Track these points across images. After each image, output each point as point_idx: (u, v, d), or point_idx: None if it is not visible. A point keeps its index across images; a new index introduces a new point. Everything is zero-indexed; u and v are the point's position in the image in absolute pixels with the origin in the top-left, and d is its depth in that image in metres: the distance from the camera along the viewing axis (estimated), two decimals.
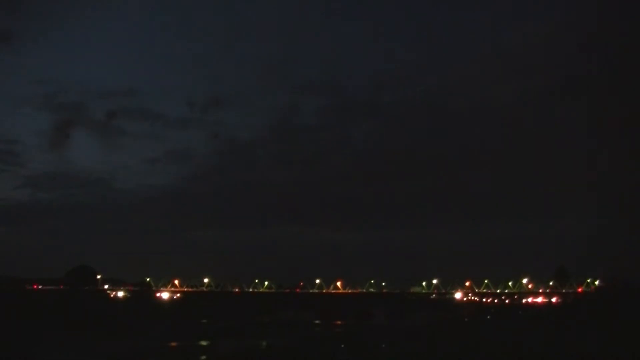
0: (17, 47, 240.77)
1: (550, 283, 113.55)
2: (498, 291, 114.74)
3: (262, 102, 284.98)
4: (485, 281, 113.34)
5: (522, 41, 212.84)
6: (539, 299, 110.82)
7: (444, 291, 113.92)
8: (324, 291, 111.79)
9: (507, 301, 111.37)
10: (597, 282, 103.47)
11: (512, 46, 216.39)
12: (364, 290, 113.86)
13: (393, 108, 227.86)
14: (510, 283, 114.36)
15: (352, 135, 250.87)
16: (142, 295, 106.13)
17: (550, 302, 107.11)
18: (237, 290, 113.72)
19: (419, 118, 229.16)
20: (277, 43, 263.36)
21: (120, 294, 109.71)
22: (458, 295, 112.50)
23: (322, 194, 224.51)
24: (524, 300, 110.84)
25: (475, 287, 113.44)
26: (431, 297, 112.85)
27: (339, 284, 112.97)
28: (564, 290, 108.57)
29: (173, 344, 45.36)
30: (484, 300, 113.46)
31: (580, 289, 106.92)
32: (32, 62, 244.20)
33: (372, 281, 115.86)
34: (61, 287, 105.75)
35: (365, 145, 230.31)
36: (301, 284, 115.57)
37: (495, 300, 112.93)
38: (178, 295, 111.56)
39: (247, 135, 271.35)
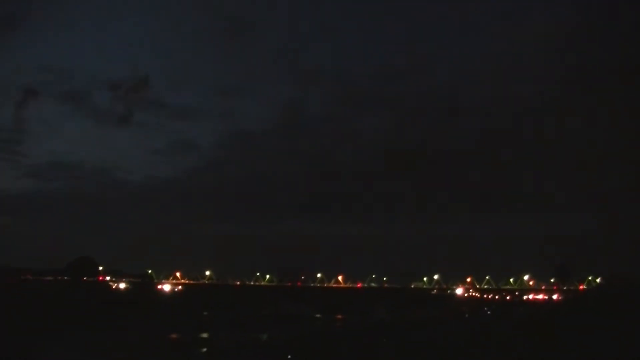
0: (22, 34, 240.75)
1: (552, 280, 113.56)
2: (499, 287, 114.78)
3: (269, 93, 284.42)
4: (487, 277, 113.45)
5: (528, 39, 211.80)
6: (540, 296, 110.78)
7: (445, 286, 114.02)
8: (325, 285, 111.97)
9: (508, 297, 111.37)
10: (598, 280, 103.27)
11: (518, 44, 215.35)
12: (366, 285, 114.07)
13: (399, 101, 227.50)
14: (511, 280, 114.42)
15: (358, 129, 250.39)
16: (144, 287, 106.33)
17: (551, 299, 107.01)
18: (238, 283, 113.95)
19: (423, 113, 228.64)
20: (285, 33, 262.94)
21: (122, 285, 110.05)
22: (459, 291, 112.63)
23: (326, 188, 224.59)
24: (524, 297, 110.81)
25: (476, 283, 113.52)
26: (432, 292, 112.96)
27: (340, 278, 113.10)
28: (565, 288, 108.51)
29: (174, 335, 45.39)
30: (485, 296, 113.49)
31: (581, 287, 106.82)
32: (37, 50, 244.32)
33: (374, 276, 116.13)
34: (63, 278, 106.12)
35: (371, 139, 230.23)
36: (303, 277, 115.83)
37: (496, 297, 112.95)
38: (179, 287, 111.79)
39: (253, 126, 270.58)
